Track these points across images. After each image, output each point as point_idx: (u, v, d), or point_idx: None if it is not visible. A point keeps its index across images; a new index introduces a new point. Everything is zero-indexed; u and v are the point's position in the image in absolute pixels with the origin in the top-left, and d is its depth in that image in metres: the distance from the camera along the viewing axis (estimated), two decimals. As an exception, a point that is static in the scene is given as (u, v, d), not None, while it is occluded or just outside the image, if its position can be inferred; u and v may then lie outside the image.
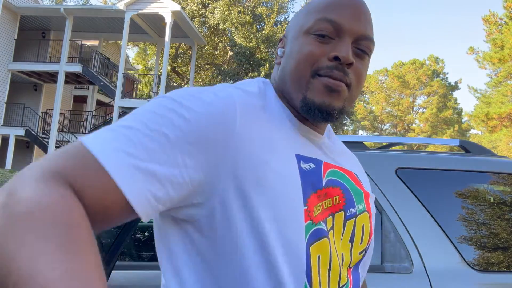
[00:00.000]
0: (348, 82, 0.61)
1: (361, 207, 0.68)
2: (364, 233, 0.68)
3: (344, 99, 0.62)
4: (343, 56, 0.59)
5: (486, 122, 19.55)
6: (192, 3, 18.78)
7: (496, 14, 20.30)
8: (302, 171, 0.59)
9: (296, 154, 0.60)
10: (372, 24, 0.65)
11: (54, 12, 15.41)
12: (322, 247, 0.59)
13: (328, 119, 0.61)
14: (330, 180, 0.64)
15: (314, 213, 0.59)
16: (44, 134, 15.83)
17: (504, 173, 1.66)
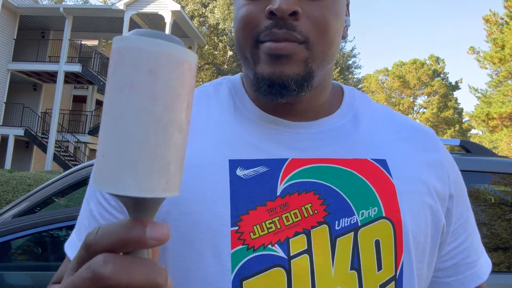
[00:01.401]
0: (301, 38, 0.46)
1: (370, 213, 0.47)
2: (383, 253, 0.47)
3: (303, 61, 0.47)
4: (276, 9, 0.44)
5: (486, 122, 19.55)
6: (192, 3, 18.78)
7: (496, 14, 20.30)
8: (236, 180, 0.46)
9: (230, 159, 0.48)
10: None
11: (54, 11, 15.41)
12: (272, 281, 0.43)
13: (284, 93, 0.47)
14: (295, 183, 0.47)
15: (253, 235, 0.44)
16: (44, 134, 15.83)
17: (505, 173, 1.65)
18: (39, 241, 1.75)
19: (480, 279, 0.55)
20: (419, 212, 0.49)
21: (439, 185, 0.52)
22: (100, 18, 15.79)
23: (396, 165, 0.51)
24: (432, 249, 0.51)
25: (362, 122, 0.54)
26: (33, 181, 6.37)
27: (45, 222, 1.39)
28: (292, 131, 0.51)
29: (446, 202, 0.52)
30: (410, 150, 0.53)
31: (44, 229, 1.38)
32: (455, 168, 0.56)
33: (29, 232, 1.42)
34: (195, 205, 0.45)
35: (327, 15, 0.47)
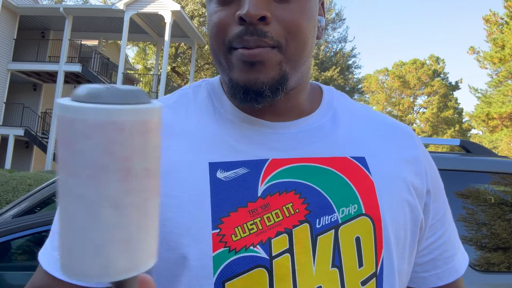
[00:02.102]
0: (272, 43, 0.46)
1: (350, 210, 0.47)
2: (364, 250, 0.47)
3: (277, 65, 0.47)
4: (244, 14, 0.44)
5: (486, 122, 19.56)
6: (192, 3, 18.78)
7: (496, 14, 20.30)
8: (216, 182, 0.46)
9: (210, 162, 0.48)
10: None
11: (54, 11, 15.41)
12: (253, 282, 0.44)
13: (259, 99, 0.47)
14: (275, 184, 0.47)
15: (234, 237, 0.45)
16: (44, 134, 15.83)
17: (505, 173, 1.65)
18: (39, 241, 1.75)
19: (457, 273, 0.56)
20: (398, 208, 0.50)
21: (417, 181, 0.53)
22: (100, 18, 15.79)
23: (374, 162, 0.51)
24: (412, 245, 0.52)
25: (341, 121, 0.55)
26: (33, 181, 6.37)
27: (45, 222, 1.39)
28: (272, 132, 0.51)
29: (424, 197, 0.53)
30: (389, 147, 0.54)
31: (44, 229, 1.38)
32: (432, 164, 0.57)
33: (29, 232, 1.42)
34: (176, 210, 0.45)
35: (298, 17, 0.47)
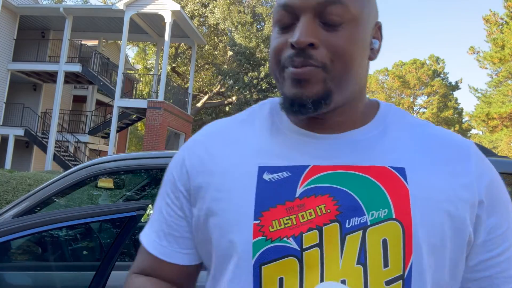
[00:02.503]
0: (317, 64, 0.52)
1: (380, 214, 0.51)
2: (390, 252, 0.50)
3: (321, 82, 0.53)
4: (295, 41, 0.52)
5: (486, 122, 19.55)
6: (192, 3, 18.77)
7: (496, 14, 20.30)
8: (262, 183, 0.55)
9: (260, 165, 0.56)
10: None
11: (54, 11, 15.41)
12: (286, 268, 0.50)
13: (302, 111, 0.54)
14: (313, 188, 0.53)
15: (271, 228, 0.52)
16: (44, 134, 15.83)
17: (505, 173, 1.65)
18: (39, 241, 1.75)
19: None
20: (434, 217, 0.51)
21: (464, 193, 0.53)
22: (100, 18, 15.79)
23: (414, 173, 0.54)
24: (455, 257, 0.53)
25: (390, 135, 0.58)
26: (33, 181, 6.37)
27: (45, 222, 1.39)
28: (317, 142, 0.57)
29: (476, 209, 0.54)
30: (434, 160, 0.55)
31: (44, 229, 1.38)
32: (489, 177, 0.56)
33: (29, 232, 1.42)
34: (228, 204, 0.55)
35: (344, 43, 0.53)
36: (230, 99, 19.34)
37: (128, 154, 1.93)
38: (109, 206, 1.37)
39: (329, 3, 0.52)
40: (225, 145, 0.60)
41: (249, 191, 0.54)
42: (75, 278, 1.64)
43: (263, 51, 17.23)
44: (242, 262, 0.52)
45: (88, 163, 1.91)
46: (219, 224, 0.55)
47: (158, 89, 14.85)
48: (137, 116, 16.86)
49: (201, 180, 0.59)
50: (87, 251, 1.90)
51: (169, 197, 0.63)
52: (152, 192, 2.89)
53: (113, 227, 2.06)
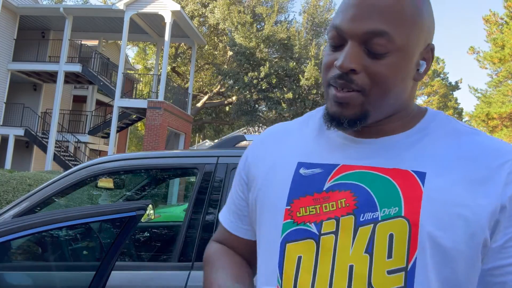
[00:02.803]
0: (357, 88, 0.58)
1: (390, 211, 0.56)
2: (395, 246, 0.55)
3: (359, 105, 0.59)
4: (338, 66, 0.58)
5: (486, 122, 19.55)
6: (192, 3, 18.76)
7: (496, 14, 20.30)
8: (298, 176, 0.65)
9: (299, 162, 0.66)
10: (397, 8, 0.56)
11: (54, 11, 15.41)
12: (305, 248, 0.60)
13: (338, 127, 0.62)
14: (338, 183, 0.61)
15: (299, 214, 0.62)
16: (44, 134, 15.83)
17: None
18: (39, 241, 1.74)
19: None
20: (445, 219, 0.55)
21: (485, 200, 0.55)
22: (100, 18, 15.78)
23: (434, 178, 0.57)
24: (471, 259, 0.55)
25: (425, 141, 0.62)
26: (33, 181, 6.37)
27: (45, 222, 1.39)
28: (353, 145, 0.64)
29: (496, 214, 0.55)
30: (462, 167, 0.58)
31: (44, 229, 1.38)
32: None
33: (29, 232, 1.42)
34: (269, 191, 0.67)
35: (385, 72, 0.57)
36: (230, 99, 19.33)
37: (128, 154, 1.93)
38: (109, 206, 1.37)
39: (374, 34, 0.56)
40: (278, 143, 0.72)
41: (286, 182, 0.65)
42: (75, 278, 1.64)
43: (263, 51, 17.22)
44: (273, 238, 0.63)
45: (88, 163, 1.91)
46: (262, 207, 0.68)
47: (158, 89, 14.85)
48: (137, 116, 16.86)
49: (255, 172, 0.72)
50: (87, 251, 1.90)
51: (236, 183, 0.77)
52: (152, 192, 2.90)
53: (113, 227, 2.06)
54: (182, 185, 9.36)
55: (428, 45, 0.62)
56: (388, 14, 0.56)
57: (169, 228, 2.98)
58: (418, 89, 43.26)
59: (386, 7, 0.56)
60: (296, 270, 0.59)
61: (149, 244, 2.72)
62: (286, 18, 19.57)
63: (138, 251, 2.59)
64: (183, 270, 1.60)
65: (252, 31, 17.20)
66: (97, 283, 1.38)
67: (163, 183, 6.18)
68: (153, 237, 2.77)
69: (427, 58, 0.62)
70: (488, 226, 0.55)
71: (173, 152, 1.95)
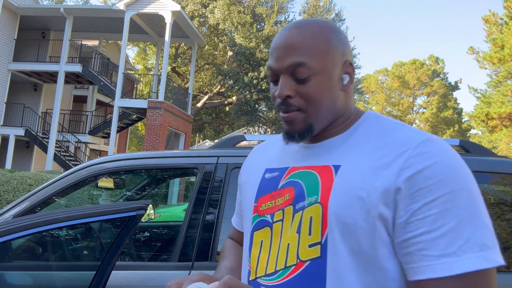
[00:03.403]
0: (296, 108, 0.75)
1: (311, 199, 0.72)
2: (313, 225, 0.70)
3: (302, 121, 0.75)
4: (277, 95, 0.75)
5: (486, 122, 19.54)
6: (192, 3, 18.76)
7: (496, 14, 20.30)
8: (263, 180, 0.83)
9: (266, 168, 0.85)
10: (307, 43, 0.73)
11: (54, 12, 15.41)
12: (265, 234, 0.78)
13: (292, 140, 0.77)
14: (288, 181, 0.78)
15: (261, 208, 0.80)
16: (44, 134, 15.83)
17: (504, 173, 1.66)
18: (39, 241, 1.75)
19: (432, 273, 0.61)
20: (347, 202, 0.68)
21: (379, 182, 0.67)
22: (101, 18, 15.79)
23: (345, 169, 0.71)
24: (367, 231, 0.66)
25: (351, 140, 0.76)
26: (33, 181, 6.37)
27: (45, 222, 1.39)
28: (301, 150, 0.81)
29: (391, 195, 0.66)
30: (369, 157, 0.71)
31: (44, 229, 1.38)
32: (416, 169, 0.65)
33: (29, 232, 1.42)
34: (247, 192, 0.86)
35: (313, 91, 0.74)
36: (230, 99, 19.33)
37: (128, 154, 1.93)
38: (109, 206, 1.38)
39: (296, 66, 0.73)
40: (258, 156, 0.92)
41: (255, 185, 0.84)
42: (75, 277, 1.64)
43: (263, 51, 17.22)
44: (247, 229, 0.83)
45: (89, 163, 1.91)
46: (243, 206, 0.88)
47: (158, 89, 14.85)
48: (137, 116, 16.86)
49: (242, 179, 0.91)
50: (87, 251, 1.90)
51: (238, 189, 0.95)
52: (152, 192, 2.90)
53: (113, 227, 2.06)
54: (182, 185, 9.36)
55: (345, 62, 0.77)
56: (301, 49, 0.73)
57: (169, 228, 2.99)
58: (418, 89, 43.25)
59: (299, 44, 0.73)
60: (259, 251, 0.78)
61: (149, 244, 2.73)
62: (286, 18, 19.57)
63: (138, 251, 2.59)
64: (183, 270, 1.60)
65: (252, 31, 17.20)
66: (97, 282, 1.38)
67: (163, 183, 6.18)
68: (153, 237, 2.78)
69: (349, 71, 0.78)
70: (384, 203, 0.66)
71: (173, 152, 1.95)
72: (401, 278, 0.67)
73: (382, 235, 0.66)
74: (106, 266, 1.38)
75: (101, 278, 1.38)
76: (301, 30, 0.74)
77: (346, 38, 0.79)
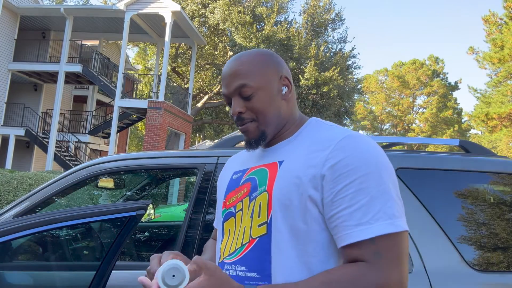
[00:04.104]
0: (249, 120, 0.93)
1: (262, 189, 0.89)
2: (261, 209, 0.88)
3: (255, 129, 0.93)
4: (232, 113, 0.94)
5: (486, 122, 19.54)
6: (192, 3, 18.76)
7: (496, 14, 20.30)
8: (231, 180, 1.00)
9: (234, 171, 1.03)
10: (246, 68, 0.92)
11: (54, 12, 15.41)
12: (230, 223, 0.95)
13: (251, 147, 0.95)
14: (247, 178, 0.95)
15: (227, 202, 0.97)
16: (44, 134, 15.83)
17: (504, 173, 1.66)
18: (39, 241, 1.75)
19: (351, 239, 0.78)
20: (285, 187, 0.85)
21: (310, 170, 0.84)
22: (101, 18, 15.79)
23: (287, 163, 0.89)
24: (301, 209, 0.84)
25: (293, 142, 0.93)
26: (33, 181, 6.37)
27: (45, 222, 1.39)
28: (260, 153, 0.99)
29: (318, 181, 0.83)
30: (306, 153, 0.88)
31: (45, 229, 1.38)
32: (336, 160, 0.83)
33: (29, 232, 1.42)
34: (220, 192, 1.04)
35: (257, 105, 0.92)
36: (230, 99, 19.30)
37: (128, 154, 1.93)
38: (110, 206, 1.38)
39: (240, 87, 0.92)
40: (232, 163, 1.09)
41: (225, 185, 1.02)
42: (75, 277, 1.64)
43: (263, 51, 17.18)
44: (218, 221, 1.00)
45: (89, 163, 1.91)
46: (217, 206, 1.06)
47: (159, 89, 14.85)
48: (137, 116, 16.86)
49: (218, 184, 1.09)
50: (87, 250, 1.90)
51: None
52: (152, 192, 2.90)
53: (113, 227, 2.06)
54: (182, 185, 9.36)
55: (281, 77, 0.95)
56: (242, 74, 0.92)
57: (169, 228, 2.99)
58: (418, 89, 43.16)
59: (240, 70, 0.92)
60: (227, 238, 0.94)
61: (149, 244, 2.73)
62: (286, 18, 19.56)
63: (139, 250, 2.59)
64: (183, 269, 1.60)
65: (252, 32, 17.20)
66: (97, 282, 1.38)
67: (163, 183, 6.18)
68: (153, 237, 2.78)
69: (286, 84, 0.96)
70: (312, 186, 0.83)
71: (173, 152, 1.95)
72: (329, 247, 0.83)
73: (313, 213, 0.83)
74: (106, 266, 1.38)
75: (101, 278, 1.38)
76: (240, 59, 0.94)
77: (279, 59, 0.98)
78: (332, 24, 20.18)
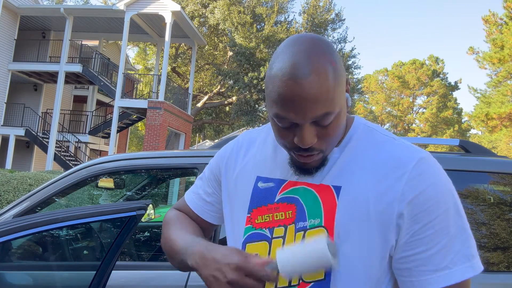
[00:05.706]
0: (318, 152, 0.72)
1: (315, 222, 0.73)
2: None
3: (320, 159, 0.74)
4: (302, 145, 0.70)
5: (486, 122, 19.54)
6: (192, 3, 18.75)
7: (496, 14, 20.30)
8: (257, 189, 0.81)
9: (257, 176, 0.83)
10: (327, 90, 0.66)
11: (54, 12, 15.42)
12: (259, 248, 0.77)
13: (308, 174, 0.76)
14: (285, 197, 0.78)
15: (257, 221, 0.79)
16: (44, 134, 15.83)
17: (504, 173, 1.66)
18: (39, 241, 1.75)
19: (430, 286, 0.70)
20: (354, 227, 0.71)
21: (383, 207, 0.71)
22: (101, 18, 15.79)
23: (347, 191, 0.73)
24: (375, 249, 0.71)
25: (344, 156, 0.76)
26: (33, 181, 6.37)
27: (45, 222, 1.39)
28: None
29: (394, 220, 0.70)
30: (368, 179, 0.73)
31: (45, 229, 1.38)
32: (415, 193, 0.70)
33: (29, 232, 1.42)
34: (237, 199, 0.84)
35: (333, 131, 0.71)
36: (230, 99, 19.32)
37: (128, 154, 1.94)
38: (110, 206, 1.38)
39: (321, 117, 0.68)
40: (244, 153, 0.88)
41: (247, 193, 0.82)
42: (75, 277, 1.65)
43: (263, 52, 17.21)
44: (237, 239, 0.81)
45: (89, 163, 1.91)
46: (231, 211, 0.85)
47: (159, 89, 14.85)
48: (137, 116, 16.86)
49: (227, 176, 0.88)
50: (87, 250, 1.91)
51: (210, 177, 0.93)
52: (152, 192, 2.90)
53: (113, 227, 2.06)
54: (182, 185, 9.36)
55: (346, 82, 0.74)
56: (323, 100, 0.67)
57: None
58: (418, 89, 43.17)
59: (321, 95, 0.66)
60: None
61: (149, 244, 2.73)
62: (286, 18, 19.56)
63: (139, 250, 2.59)
64: (183, 269, 1.60)
65: (252, 32, 17.20)
66: (98, 282, 1.38)
67: (163, 183, 6.17)
68: (153, 236, 2.78)
69: (347, 89, 0.75)
70: (387, 228, 0.70)
71: (173, 152, 1.95)
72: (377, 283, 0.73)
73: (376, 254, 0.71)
74: (106, 266, 1.38)
75: (101, 278, 1.38)
76: (317, 73, 0.66)
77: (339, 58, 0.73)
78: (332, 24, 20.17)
